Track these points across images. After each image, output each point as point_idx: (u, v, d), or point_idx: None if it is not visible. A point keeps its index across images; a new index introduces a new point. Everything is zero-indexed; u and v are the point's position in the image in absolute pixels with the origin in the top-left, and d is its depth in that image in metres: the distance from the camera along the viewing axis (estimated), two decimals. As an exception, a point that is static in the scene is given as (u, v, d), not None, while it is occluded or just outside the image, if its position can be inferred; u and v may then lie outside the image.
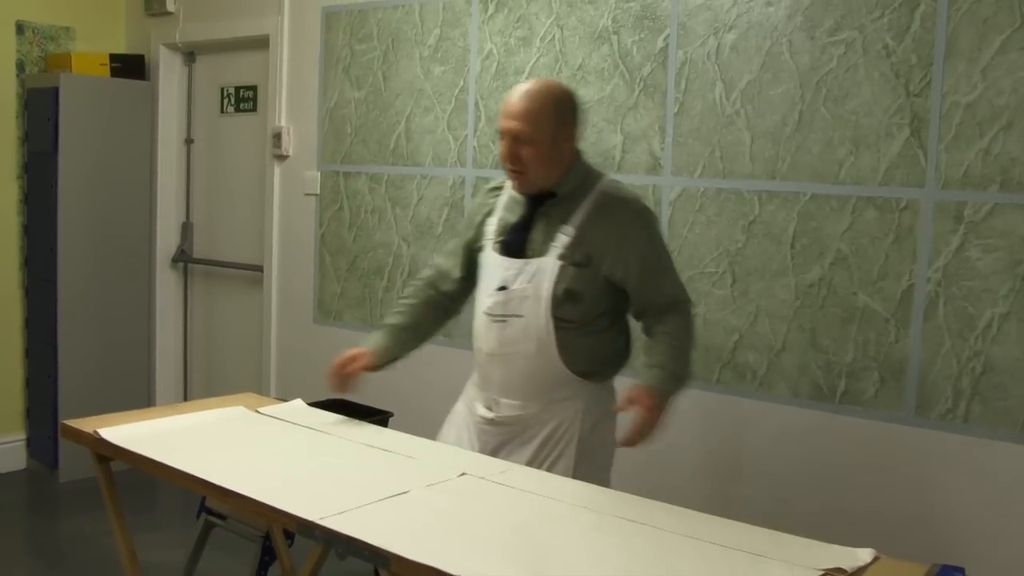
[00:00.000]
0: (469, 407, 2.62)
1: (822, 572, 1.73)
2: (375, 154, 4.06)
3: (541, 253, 2.43)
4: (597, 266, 2.42)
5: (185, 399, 5.06)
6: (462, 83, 3.80)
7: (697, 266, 3.23)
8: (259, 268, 4.58)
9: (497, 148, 3.71)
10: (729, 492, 3.14)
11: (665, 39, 3.27)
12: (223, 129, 4.91)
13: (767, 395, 3.12)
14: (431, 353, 3.92)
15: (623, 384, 2.53)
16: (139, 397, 4.86)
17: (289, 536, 2.90)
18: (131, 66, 4.88)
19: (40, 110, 4.61)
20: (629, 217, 2.45)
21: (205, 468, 2.17)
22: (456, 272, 2.66)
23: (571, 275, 2.41)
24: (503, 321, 2.46)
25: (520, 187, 2.48)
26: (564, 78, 3.48)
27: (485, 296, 2.51)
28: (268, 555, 2.90)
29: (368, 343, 2.67)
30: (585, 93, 3.44)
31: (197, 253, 5.00)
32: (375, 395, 3.81)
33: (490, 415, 2.53)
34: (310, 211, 4.33)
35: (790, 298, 3.07)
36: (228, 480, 2.10)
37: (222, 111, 4.90)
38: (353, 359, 2.60)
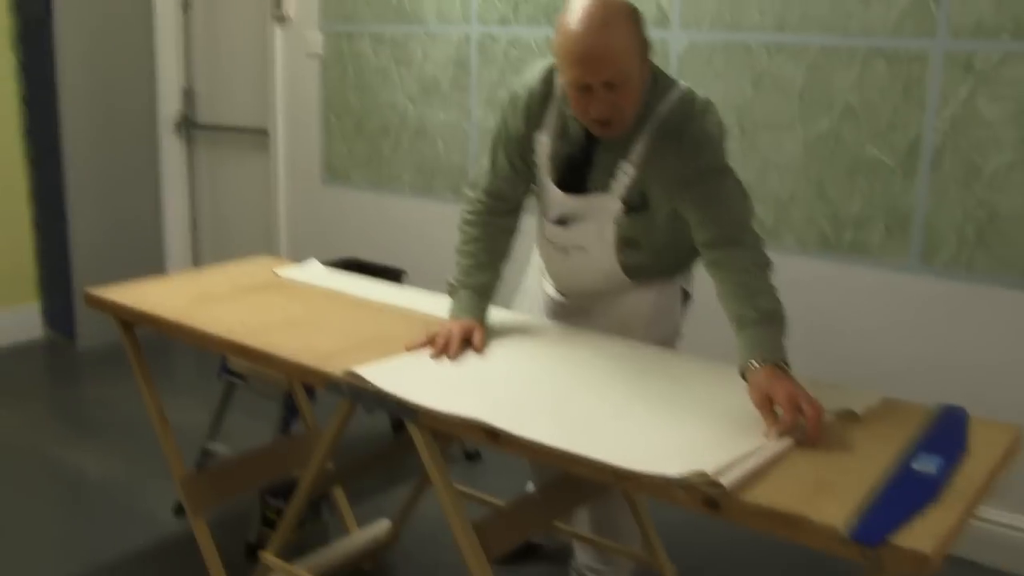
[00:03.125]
0: (539, 284, 2.53)
1: (833, 414, 1.80)
2: (377, 12, 4.00)
3: (603, 188, 2.16)
4: (655, 207, 2.16)
5: (196, 264, 5.12)
6: (463, -63, 3.72)
7: (705, 121, 3.23)
8: (264, 132, 4.57)
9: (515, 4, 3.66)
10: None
11: None
12: (220, -9, 4.81)
13: (775, 246, 3.14)
14: (438, 213, 3.97)
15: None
16: (152, 263, 4.91)
17: (310, 393, 2.99)
18: (122, -73, 4.75)
19: (32, -25, 4.51)
20: (688, 149, 2.07)
21: (234, 329, 2.23)
22: (517, 192, 2.33)
23: (628, 224, 2.19)
24: (565, 251, 2.30)
25: (614, 132, 2.08)
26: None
27: (546, 219, 2.30)
28: (290, 413, 3.00)
29: (466, 310, 2.24)
30: (590, -55, 3.37)
31: (201, 119, 4.97)
32: (385, 253, 3.87)
33: (560, 299, 2.45)
34: (314, 73, 4.29)
35: (798, 150, 3.08)
36: (255, 340, 2.16)
37: (218, -28, 4.79)
38: (467, 335, 2.16)
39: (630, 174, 2.12)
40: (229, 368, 3.06)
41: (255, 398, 3.14)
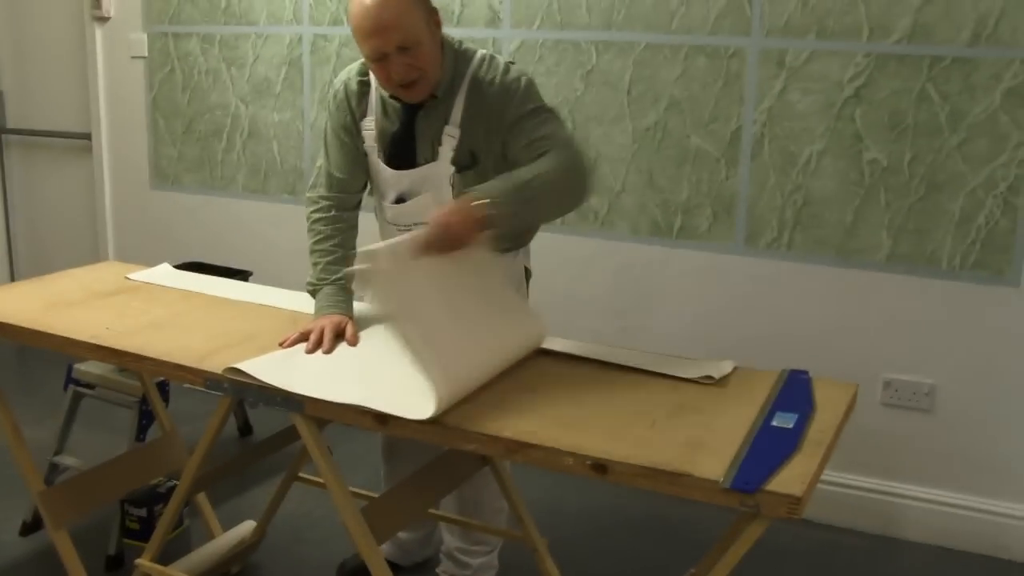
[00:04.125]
0: None
1: (695, 381, 1.97)
2: (205, 14, 3.95)
3: (432, 158, 2.29)
4: (484, 163, 2.27)
5: (12, 279, 4.89)
6: (291, -62, 3.73)
7: (540, 116, 3.37)
8: (86, 136, 4.42)
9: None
10: (577, 324, 3.37)
11: None
12: (26, -11, 4.62)
13: (609, 233, 3.35)
14: (275, 213, 3.98)
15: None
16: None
17: (164, 397, 2.95)
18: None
19: None
20: (500, 99, 2.22)
21: (100, 334, 2.20)
22: (356, 184, 2.43)
23: (462, 182, 2.26)
24: (409, 230, 2.29)
25: (420, 94, 2.22)
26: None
27: (385, 203, 2.40)
28: (146, 418, 2.95)
29: (333, 305, 2.28)
30: (421, -53, 3.45)
31: (12, 124, 4.75)
32: (220, 256, 3.84)
33: None
34: (138, 74, 4.19)
35: (628, 142, 3.27)
36: (126, 344, 2.15)
37: (24, -30, 4.60)
38: (339, 330, 2.22)
39: (455, 136, 2.26)
40: (76, 378, 2.98)
41: (96, 408, 3.07)
